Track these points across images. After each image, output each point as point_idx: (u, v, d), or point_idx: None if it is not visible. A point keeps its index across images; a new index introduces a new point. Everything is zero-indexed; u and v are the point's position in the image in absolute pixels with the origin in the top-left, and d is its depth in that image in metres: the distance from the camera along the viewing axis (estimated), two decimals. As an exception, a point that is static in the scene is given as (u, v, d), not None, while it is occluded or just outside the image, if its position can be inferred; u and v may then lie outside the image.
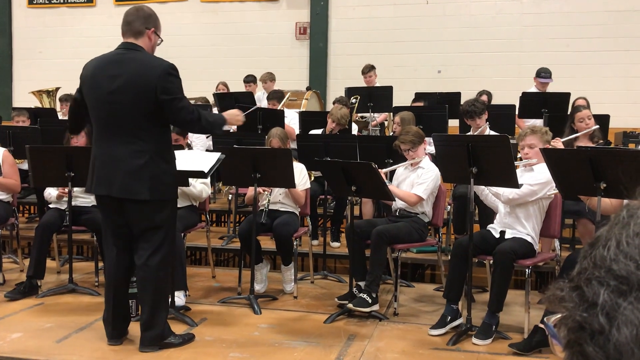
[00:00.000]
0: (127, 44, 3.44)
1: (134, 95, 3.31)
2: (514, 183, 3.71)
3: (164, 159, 3.42)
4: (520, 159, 4.17)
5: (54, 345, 3.57)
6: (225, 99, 7.42)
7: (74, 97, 3.60)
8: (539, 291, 5.13)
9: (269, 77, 8.69)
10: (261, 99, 8.49)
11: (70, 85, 9.46)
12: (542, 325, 3.65)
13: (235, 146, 5.27)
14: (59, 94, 8.64)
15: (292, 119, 6.96)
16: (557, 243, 4.36)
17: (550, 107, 6.64)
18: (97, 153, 3.43)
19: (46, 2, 11.48)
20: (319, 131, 6.14)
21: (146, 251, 3.42)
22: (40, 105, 8.76)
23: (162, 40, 3.57)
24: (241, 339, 3.75)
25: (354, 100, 7.52)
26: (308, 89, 8.95)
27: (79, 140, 4.93)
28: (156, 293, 3.46)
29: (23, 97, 10.55)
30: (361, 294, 4.19)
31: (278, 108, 7.10)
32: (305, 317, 4.27)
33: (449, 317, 3.95)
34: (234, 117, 3.69)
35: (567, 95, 6.80)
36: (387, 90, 7.53)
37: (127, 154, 3.33)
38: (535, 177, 3.98)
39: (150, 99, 3.31)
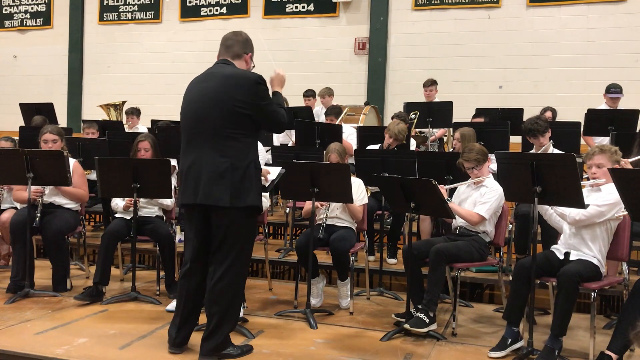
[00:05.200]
0: (222, 60, 3.59)
1: (222, 103, 3.40)
2: (580, 203, 3.59)
3: (248, 168, 3.45)
4: (587, 179, 4.03)
5: (117, 352, 3.68)
6: (285, 113, 7.51)
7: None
8: (605, 315, 4.94)
9: (328, 92, 8.76)
10: (319, 114, 8.56)
11: (136, 99, 9.86)
12: (608, 353, 3.51)
13: (294, 161, 5.32)
14: (125, 107, 8.99)
15: (350, 134, 6.98)
16: (624, 266, 4.19)
17: (618, 124, 6.42)
18: (183, 165, 3.53)
19: (115, 18, 11.98)
20: (376, 146, 6.13)
21: (221, 265, 3.45)
22: (107, 118, 9.13)
23: (254, 66, 3.70)
24: (298, 353, 3.77)
25: (413, 116, 7.48)
26: (366, 104, 8.97)
27: (145, 153, 5.10)
28: (226, 307, 3.48)
29: (92, 109, 11.04)
30: (418, 314, 4.14)
31: (336, 123, 7.14)
32: (362, 333, 4.25)
33: (510, 340, 3.85)
34: (281, 81, 3.77)
35: (636, 112, 6.56)
36: (447, 106, 7.46)
37: (210, 161, 3.39)
38: (604, 198, 3.84)
39: (237, 108, 3.40)
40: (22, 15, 12.63)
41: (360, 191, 4.95)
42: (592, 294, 3.79)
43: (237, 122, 3.43)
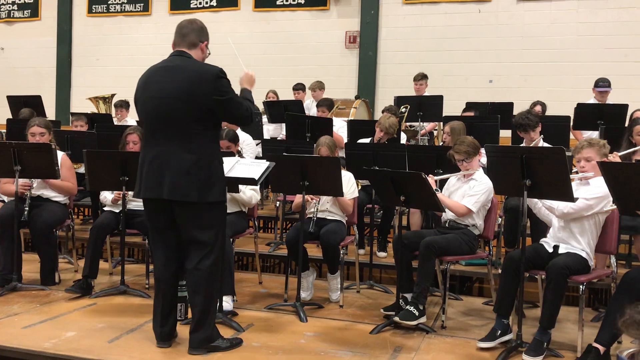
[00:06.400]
0: (178, 52, 3.54)
1: (186, 100, 3.38)
2: (569, 197, 3.61)
3: (213, 163, 3.48)
4: (576, 172, 4.05)
5: (106, 345, 3.66)
6: (275, 106, 7.50)
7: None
8: (593, 308, 4.98)
9: (318, 86, 8.73)
10: (310, 108, 8.53)
11: (125, 91, 9.73)
12: (596, 345, 3.53)
13: (284, 154, 5.31)
14: (114, 100, 8.91)
15: (340, 128, 6.96)
16: (613, 259, 4.21)
17: (607, 119, 6.46)
18: (144, 157, 3.51)
19: (104, 10, 11.87)
20: (367, 140, 6.12)
21: (197, 255, 3.47)
22: (96, 111, 9.06)
23: (209, 54, 3.67)
24: (287, 346, 3.77)
25: (403, 110, 7.48)
26: (357, 97, 8.95)
27: (134, 146, 5.06)
28: (206, 296, 3.50)
29: (80, 102, 10.94)
30: (408, 307, 4.14)
31: (327, 116, 7.12)
32: (351, 326, 4.25)
33: (499, 332, 3.86)
34: (249, 80, 3.81)
35: (625, 107, 6.60)
36: (438, 100, 7.46)
37: (176, 157, 3.39)
38: (592, 191, 3.86)
39: (202, 104, 3.39)
40: (10, 7, 12.49)
41: (350, 185, 4.94)
42: (581, 286, 3.81)
43: (201, 118, 3.42)
